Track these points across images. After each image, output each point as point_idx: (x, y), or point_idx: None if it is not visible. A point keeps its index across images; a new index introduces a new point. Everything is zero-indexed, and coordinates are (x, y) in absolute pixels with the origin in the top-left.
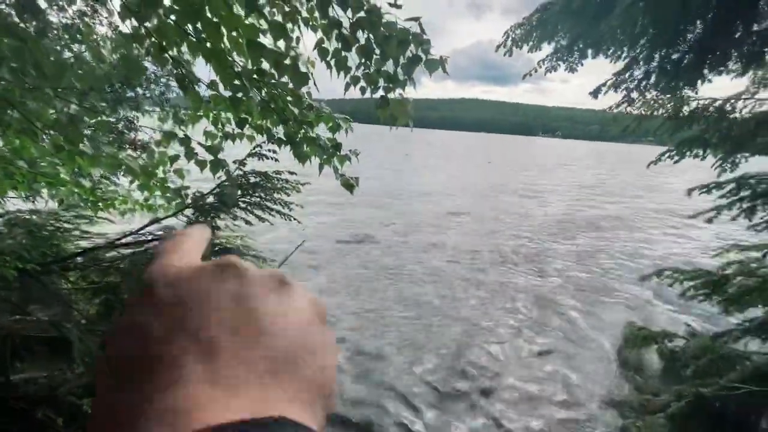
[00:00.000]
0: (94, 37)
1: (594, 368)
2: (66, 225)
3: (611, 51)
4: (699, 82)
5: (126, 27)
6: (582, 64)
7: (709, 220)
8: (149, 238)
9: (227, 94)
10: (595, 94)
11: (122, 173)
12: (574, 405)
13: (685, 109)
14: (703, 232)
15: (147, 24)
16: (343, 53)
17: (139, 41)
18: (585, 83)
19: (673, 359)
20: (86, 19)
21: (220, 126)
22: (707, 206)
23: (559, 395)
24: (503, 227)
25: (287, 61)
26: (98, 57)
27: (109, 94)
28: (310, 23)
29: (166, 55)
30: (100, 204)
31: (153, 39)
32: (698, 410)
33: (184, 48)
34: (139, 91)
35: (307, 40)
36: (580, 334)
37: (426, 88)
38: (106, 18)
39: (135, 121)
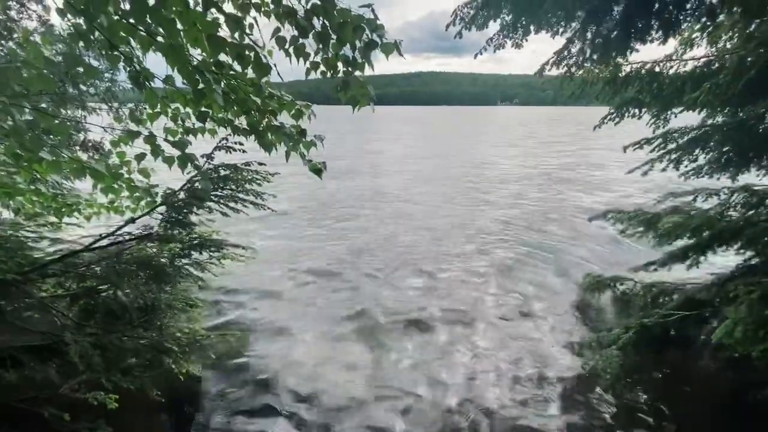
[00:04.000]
0: (31, 36)
1: (557, 318)
2: (31, 234)
3: (551, 28)
4: (628, 52)
5: (65, 23)
6: (527, 40)
7: (645, 173)
8: (126, 238)
9: (184, 88)
10: (540, 72)
11: (84, 178)
12: (538, 350)
13: (621, 74)
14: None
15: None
16: (301, 40)
17: (84, 39)
18: (538, 50)
19: (624, 299)
20: (12, 13)
21: (180, 122)
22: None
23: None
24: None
25: (248, 52)
26: (38, 56)
27: (52, 94)
28: (263, 9)
29: (117, 52)
30: (64, 210)
31: (99, 35)
32: (643, 338)
33: (135, 43)
34: (83, 87)
35: (261, 27)
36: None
37: (383, 63)
38: (35, 12)
39: (82, 121)
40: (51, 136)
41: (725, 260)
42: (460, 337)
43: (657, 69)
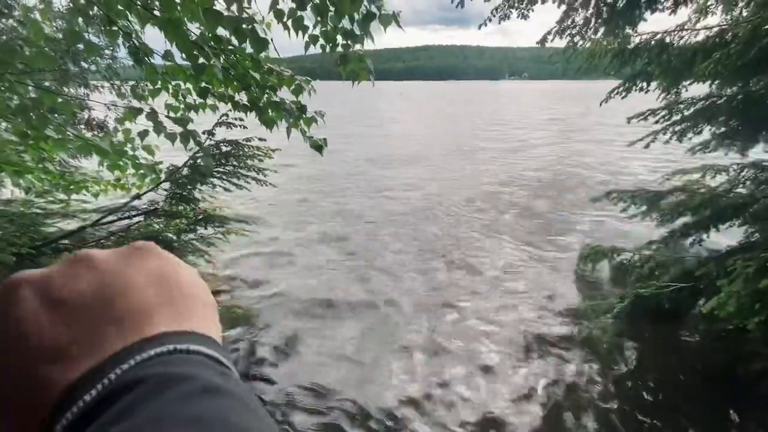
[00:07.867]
0: (30, 13)
1: (555, 285)
2: (42, 211)
3: None
4: (636, 21)
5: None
6: (533, 10)
7: (647, 146)
8: (133, 214)
9: (184, 64)
10: (542, 42)
11: (90, 156)
12: (535, 317)
13: (630, 46)
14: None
15: None
16: (299, 13)
17: (83, 14)
18: (546, 21)
19: (622, 270)
20: None
21: (181, 98)
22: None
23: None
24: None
25: (245, 26)
26: (39, 33)
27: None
28: None
29: (115, 27)
30: (72, 188)
31: (98, 11)
32: (638, 308)
33: (133, 18)
34: (84, 65)
35: (259, 1)
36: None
37: (388, 36)
38: None
39: (85, 99)
40: (56, 115)
41: (728, 237)
42: (458, 300)
43: (667, 39)
